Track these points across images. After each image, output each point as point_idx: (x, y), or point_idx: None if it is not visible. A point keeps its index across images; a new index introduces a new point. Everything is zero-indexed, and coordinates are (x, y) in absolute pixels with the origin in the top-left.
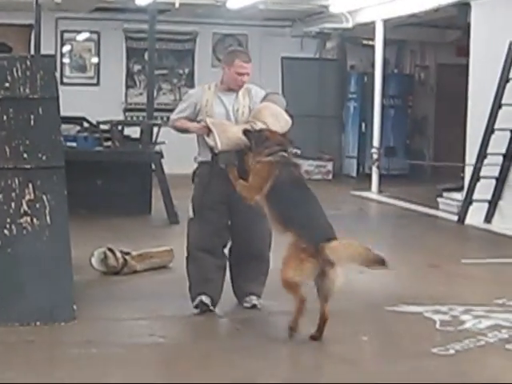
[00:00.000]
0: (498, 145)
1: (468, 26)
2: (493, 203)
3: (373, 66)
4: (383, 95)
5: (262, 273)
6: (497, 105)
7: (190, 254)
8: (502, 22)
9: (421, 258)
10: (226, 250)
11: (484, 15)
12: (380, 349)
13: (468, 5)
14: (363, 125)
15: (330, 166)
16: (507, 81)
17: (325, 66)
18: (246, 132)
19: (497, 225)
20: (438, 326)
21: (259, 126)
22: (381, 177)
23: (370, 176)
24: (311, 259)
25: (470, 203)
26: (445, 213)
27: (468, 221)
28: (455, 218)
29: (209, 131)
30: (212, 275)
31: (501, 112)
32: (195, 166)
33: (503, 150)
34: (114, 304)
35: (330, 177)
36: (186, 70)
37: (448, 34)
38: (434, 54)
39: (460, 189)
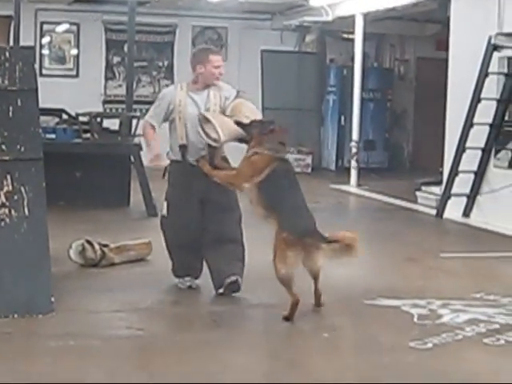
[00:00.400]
0: (476, 139)
1: (448, 19)
2: (471, 197)
3: (352, 59)
4: (363, 89)
5: (238, 257)
6: (476, 99)
7: (170, 250)
8: (482, 17)
9: (399, 251)
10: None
11: (464, 9)
12: (358, 342)
13: None
14: (342, 118)
15: (309, 159)
16: (486, 75)
17: (304, 59)
18: (240, 123)
19: (475, 219)
20: (415, 319)
21: (244, 120)
22: (360, 170)
23: (349, 169)
24: (292, 248)
25: (449, 197)
26: (423, 207)
27: (446, 215)
28: (434, 211)
29: (206, 122)
30: (191, 264)
31: (480, 106)
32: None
33: (482, 145)
34: (92, 296)
35: (309, 170)
36: (166, 63)
37: (428, 28)
38: (413, 47)
39: (438, 183)
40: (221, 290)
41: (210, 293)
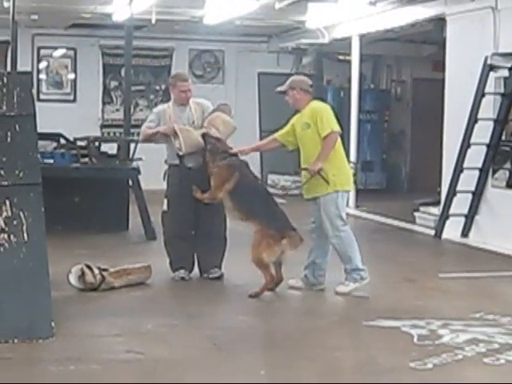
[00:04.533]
0: (474, 159)
1: (444, 40)
2: (469, 217)
3: (349, 80)
4: (360, 110)
5: (221, 250)
6: (473, 119)
7: (167, 240)
8: (478, 37)
9: (398, 272)
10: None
11: (459, 30)
12: (358, 363)
13: (444, 20)
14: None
15: None
16: (483, 95)
17: None
18: (204, 135)
19: (473, 239)
20: (415, 340)
21: (214, 131)
22: (358, 191)
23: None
24: (278, 243)
25: (447, 218)
26: (421, 227)
27: (445, 235)
28: (432, 232)
29: (175, 135)
30: (185, 254)
31: (477, 126)
32: (165, 167)
33: (479, 165)
34: (92, 320)
35: None
36: (163, 86)
37: (424, 49)
38: (410, 68)
39: (437, 203)
40: (205, 275)
41: (211, 317)
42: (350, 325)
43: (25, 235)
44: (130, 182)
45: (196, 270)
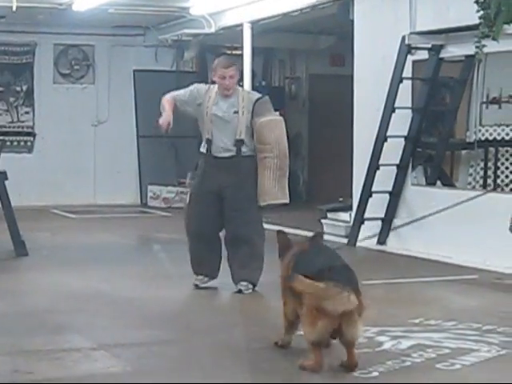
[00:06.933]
0: (390, 155)
1: (343, 30)
2: (387, 221)
3: None
4: None
5: (252, 258)
6: (389, 108)
7: (188, 237)
8: (391, 17)
9: None
10: (221, 234)
11: (369, 10)
12: (293, 376)
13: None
14: None
15: None
16: (401, 81)
17: (183, 79)
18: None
19: (392, 245)
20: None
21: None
22: None
23: None
24: None
25: (362, 223)
26: (331, 236)
27: (359, 243)
28: (344, 240)
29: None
30: (205, 258)
31: (394, 116)
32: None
33: (397, 161)
34: None
35: None
36: (25, 87)
37: (321, 41)
38: (305, 63)
39: (347, 208)
40: (235, 290)
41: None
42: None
43: None
44: None
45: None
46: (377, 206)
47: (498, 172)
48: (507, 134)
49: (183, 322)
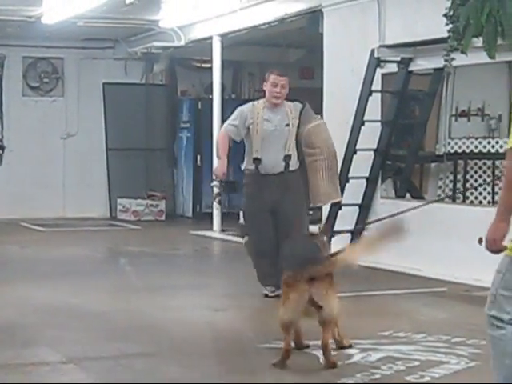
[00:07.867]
0: (360, 168)
1: (320, 37)
2: (356, 234)
3: (206, 91)
4: (222, 123)
5: None
6: (359, 121)
7: (250, 256)
8: (360, 30)
9: None
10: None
11: (339, 23)
12: None
13: (320, 12)
14: (199, 158)
15: (162, 205)
16: (370, 94)
17: (152, 92)
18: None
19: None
20: (321, 361)
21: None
22: (223, 214)
23: (208, 215)
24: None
25: (332, 236)
26: None
27: None
28: None
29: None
30: (267, 271)
31: (363, 129)
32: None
33: (367, 174)
34: None
35: (163, 217)
36: None
37: (290, 54)
38: None
39: (316, 221)
40: None
41: None
42: (244, 348)
43: None
44: None
45: None
46: (346, 219)
47: (467, 185)
48: (476, 147)
49: (152, 335)
